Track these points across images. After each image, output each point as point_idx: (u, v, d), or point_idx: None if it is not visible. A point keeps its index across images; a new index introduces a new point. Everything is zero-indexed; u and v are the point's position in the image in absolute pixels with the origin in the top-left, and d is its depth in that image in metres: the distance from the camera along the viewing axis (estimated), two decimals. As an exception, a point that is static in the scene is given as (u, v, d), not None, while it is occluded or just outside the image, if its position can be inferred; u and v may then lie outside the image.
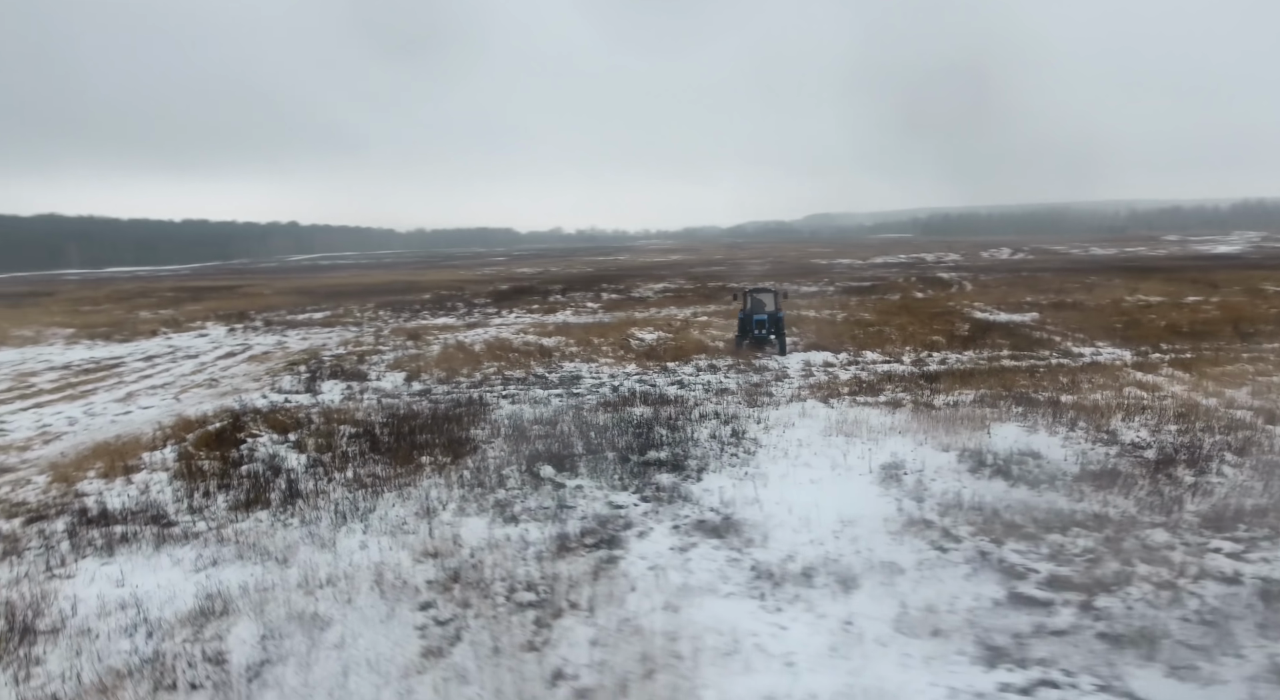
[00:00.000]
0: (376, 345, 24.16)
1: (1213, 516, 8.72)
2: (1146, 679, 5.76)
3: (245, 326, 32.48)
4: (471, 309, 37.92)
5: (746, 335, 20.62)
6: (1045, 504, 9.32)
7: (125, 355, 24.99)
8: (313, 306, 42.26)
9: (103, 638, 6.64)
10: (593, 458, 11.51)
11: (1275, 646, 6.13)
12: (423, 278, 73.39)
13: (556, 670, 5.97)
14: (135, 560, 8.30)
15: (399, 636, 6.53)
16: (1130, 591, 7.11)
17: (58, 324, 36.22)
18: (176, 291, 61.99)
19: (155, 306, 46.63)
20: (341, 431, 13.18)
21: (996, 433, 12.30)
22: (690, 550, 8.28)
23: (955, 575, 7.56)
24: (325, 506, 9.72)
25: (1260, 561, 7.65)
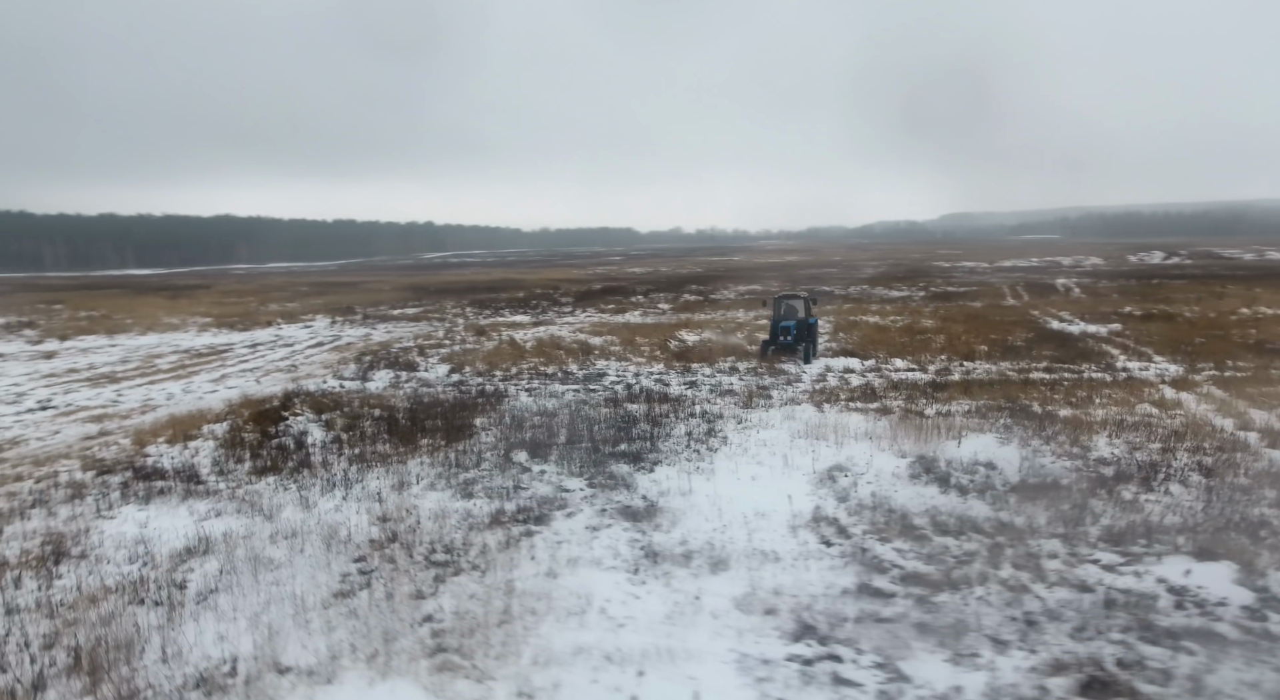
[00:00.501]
0: (443, 340, 26.35)
1: (1119, 532, 8.80)
2: (923, 662, 6.30)
3: (346, 320, 35.90)
4: (549, 308, 39.94)
5: (773, 341, 20.94)
6: (960, 510, 9.65)
7: (237, 343, 28.54)
8: (414, 302, 45.74)
9: (110, 564, 8.47)
10: (568, 447, 12.67)
11: (1072, 645, 6.47)
12: (529, 276, 76.98)
13: (428, 615, 7.19)
14: (163, 509, 10.24)
15: (323, 580, 7.95)
16: (977, 591, 7.52)
17: (200, 314, 41.27)
18: (310, 286, 68.20)
19: (284, 300, 51.83)
20: (369, 414, 15.03)
21: (967, 443, 12.41)
22: (602, 530, 9.29)
23: (823, 567, 8.18)
24: (324, 476, 11.42)
25: (1130, 575, 7.80)
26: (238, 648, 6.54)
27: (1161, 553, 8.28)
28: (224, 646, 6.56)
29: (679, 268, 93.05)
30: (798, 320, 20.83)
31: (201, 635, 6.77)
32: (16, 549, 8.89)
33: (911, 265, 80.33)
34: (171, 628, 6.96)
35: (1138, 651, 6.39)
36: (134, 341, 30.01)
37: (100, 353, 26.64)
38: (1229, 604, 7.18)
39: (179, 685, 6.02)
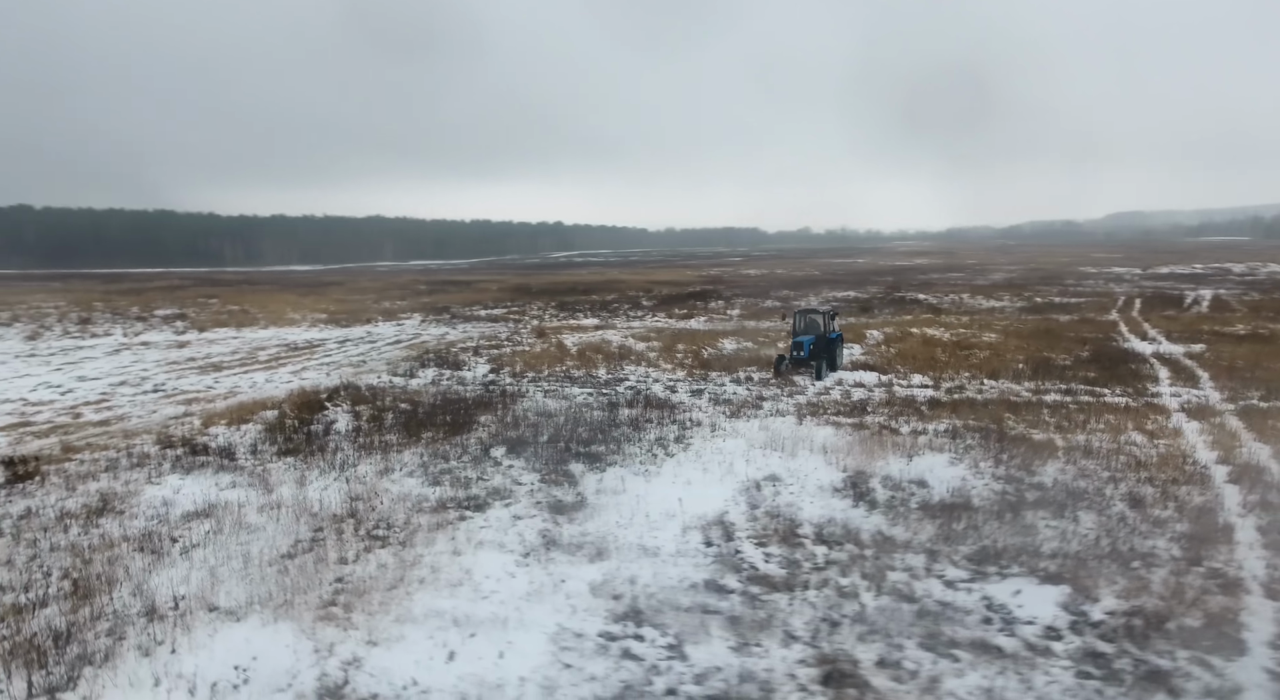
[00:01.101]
0: (503, 340, 28.53)
1: (989, 552, 9.22)
2: (709, 648, 7.26)
3: (436, 319, 39.12)
4: (624, 311, 41.59)
5: (782, 360, 20.88)
6: (855, 523, 10.30)
7: (332, 339, 32.07)
8: (507, 303, 48.75)
9: (137, 519, 10.74)
10: (545, 446, 14.10)
11: (851, 644, 7.21)
12: (633, 277, 79.10)
13: (340, 577, 8.83)
14: (196, 479, 12.56)
15: (280, 544, 9.80)
16: (809, 594, 8.31)
17: (319, 310, 46.03)
18: (429, 284, 73.41)
19: (397, 298, 56.46)
20: (395, 408, 17.13)
21: (917, 461, 12.90)
22: (524, 520, 10.66)
23: (689, 563, 9.18)
24: (327, 460, 13.46)
25: (963, 591, 8.31)
26: (188, 590, 8.43)
27: (1010, 574, 8.69)
28: (179, 588, 8.47)
29: (795, 270, 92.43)
30: (817, 335, 21.06)
31: (169, 579, 8.73)
32: (78, 503, 11.38)
33: (1049, 271, 75.92)
34: (151, 571, 8.97)
35: (904, 655, 7.06)
36: (253, 335, 34.32)
37: (221, 344, 30.82)
38: (1034, 623, 7.62)
39: (133, 612, 7.95)
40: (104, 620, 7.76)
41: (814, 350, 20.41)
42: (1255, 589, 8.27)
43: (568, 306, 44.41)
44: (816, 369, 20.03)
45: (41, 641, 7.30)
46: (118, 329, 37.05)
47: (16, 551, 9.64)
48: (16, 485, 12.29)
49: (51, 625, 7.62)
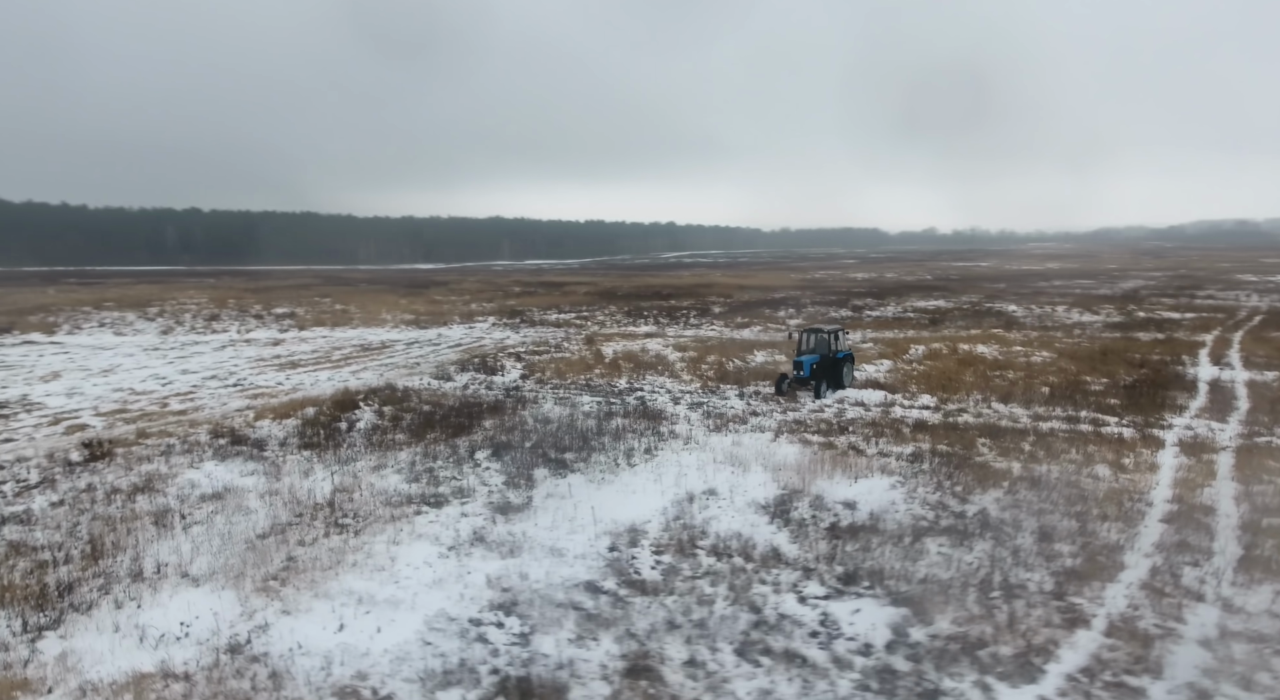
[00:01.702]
0: (551, 346, 30.29)
1: (861, 573, 9.85)
2: (554, 637, 8.40)
3: (507, 323, 41.58)
4: (686, 317, 42.55)
5: (784, 378, 21.06)
6: (757, 538, 11.10)
7: (404, 340, 34.98)
8: (583, 307, 50.79)
9: (165, 498, 13.00)
10: (525, 451, 15.53)
11: (675, 645, 8.17)
12: (727, 281, 79.68)
13: (294, 556, 10.57)
14: (227, 466, 14.84)
15: (262, 525, 11.71)
16: (668, 600, 9.29)
17: (409, 311, 49.75)
18: (523, 286, 76.95)
19: (485, 299, 59.83)
20: (417, 409, 19.09)
21: (861, 483, 13.47)
22: (469, 517, 12.11)
23: (585, 565, 10.32)
24: (338, 454, 15.46)
25: (809, 606, 9.04)
26: (172, 559, 10.42)
27: (865, 594, 9.31)
28: (166, 557, 10.47)
29: (905, 274, 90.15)
30: (822, 355, 21.14)
31: (163, 549, 10.77)
32: (128, 481, 13.84)
33: (1196, 278, 70.56)
34: (154, 542, 11.07)
35: (714, 658, 7.96)
36: (341, 334, 37.89)
37: (310, 343, 34.35)
38: (854, 640, 8.30)
39: (125, 573, 9.98)
40: (99, 578, 9.82)
41: (816, 370, 20.55)
42: (1098, 626, 8.53)
43: (636, 312, 45.85)
44: (815, 388, 20.18)
45: (50, 591, 9.41)
46: (234, 326, 41.75)
47: (65, 519, 12.05)
48: (91, 463, 14.98)
49: (61, 579, 9.75)
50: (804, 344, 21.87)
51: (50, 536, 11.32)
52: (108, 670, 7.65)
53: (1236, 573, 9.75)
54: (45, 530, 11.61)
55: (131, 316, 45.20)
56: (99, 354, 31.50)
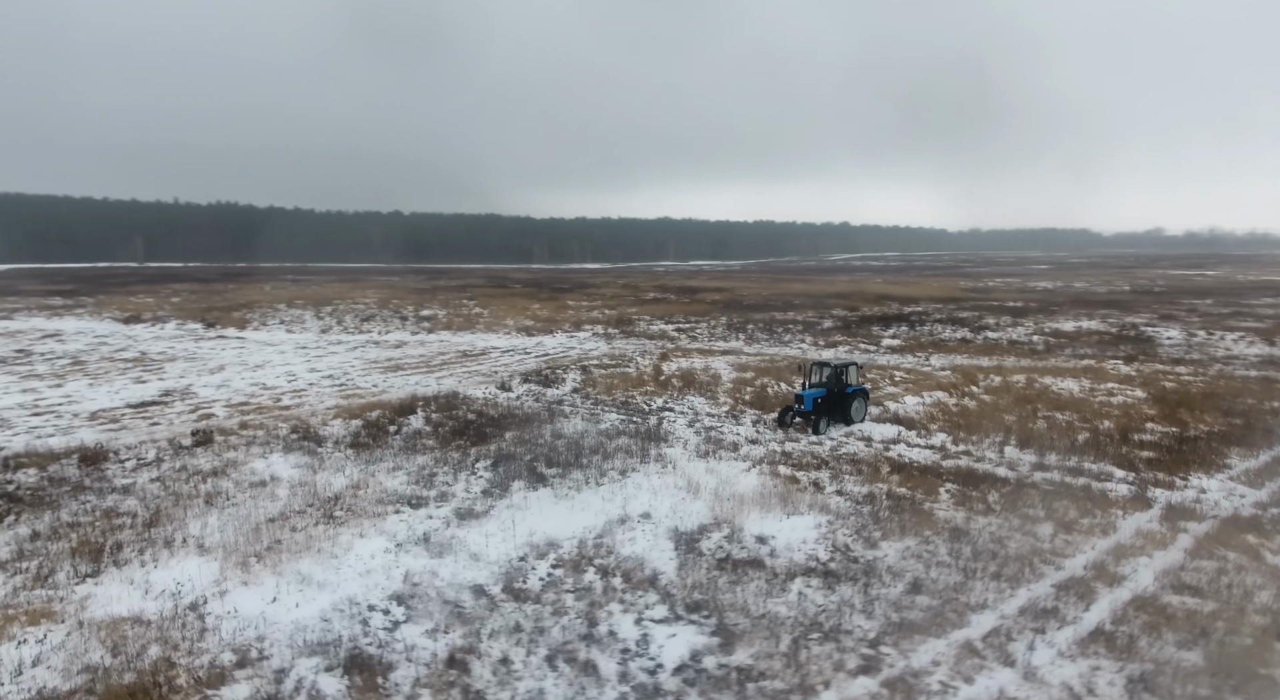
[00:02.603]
0: (622, 359, 32.25)
1: (709, 604, 11.01)
2: (419, 626, 10.43)
3: (606, 333, 44.12)
4: (786, 332, 42.82)
5: (789, 411, 21.16)
6: (648, 562, 12.47)
7: (505, 348, 38.48)
8: (694, 317, 52.33)
9: (228, 481, 16.50)
10: (520, 463, 17.66)
11: (508, 646, 9.91)
12: (877, 287, 77.91)
13: (280, 539, 13.38)
14: (285, 458, 18.27)
15: (275, 511, 14.74)
16: (534, 607, 11.01)
17: (530, 317, 53.88)
18: (659, 290, 79.86)
19: (613, 306, 62.97)
20: (461, 418, 21.86)
21: (791, 519, 14.34)
22: (433, 519, 14.40)
23: (489, 570, 12.25)
24: (371, 455, 18.44)
25: (640, 628, 10.40)
26: (198, 532, 13.60)
27: (696, 622, 10.51)
28: (195, 529, 13.68)
29: (1100, 283, 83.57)
30: (830, 390, 21.12)
31: (196, 524, 14.03)
32: (209, 465, 17.59)
33: None
34: (196, 517, 14.39)
35: (526, 660, 9.62)
36: (457, 339, 42.26)
37: (426, 347, 38.82)
38: (654, 660, 9.65)
39: (161, 539, 13.26)
40: (143, 542, 13.16)
41: (819, 404, 20.66)
42: (882, 675, 9.20)
43: (739, 326, 46.67)
44: (814, 423, 20.35)
45: (106, 548, 12.82)
46: (378, 328, 47.68)
47: (153, 492, 15.81)
48: (194, 448, 19.04)
49: (119, 540, 13.19)
50: (812, 377, 22.08)
51: (134, 506, 15.02)
52: (105, 612, 10.68)
53: (1076, 645, 9.82)
54: (135, 500, 15.36)
55: (307, 315, 52.75)
56: (262, 350, 37.71)
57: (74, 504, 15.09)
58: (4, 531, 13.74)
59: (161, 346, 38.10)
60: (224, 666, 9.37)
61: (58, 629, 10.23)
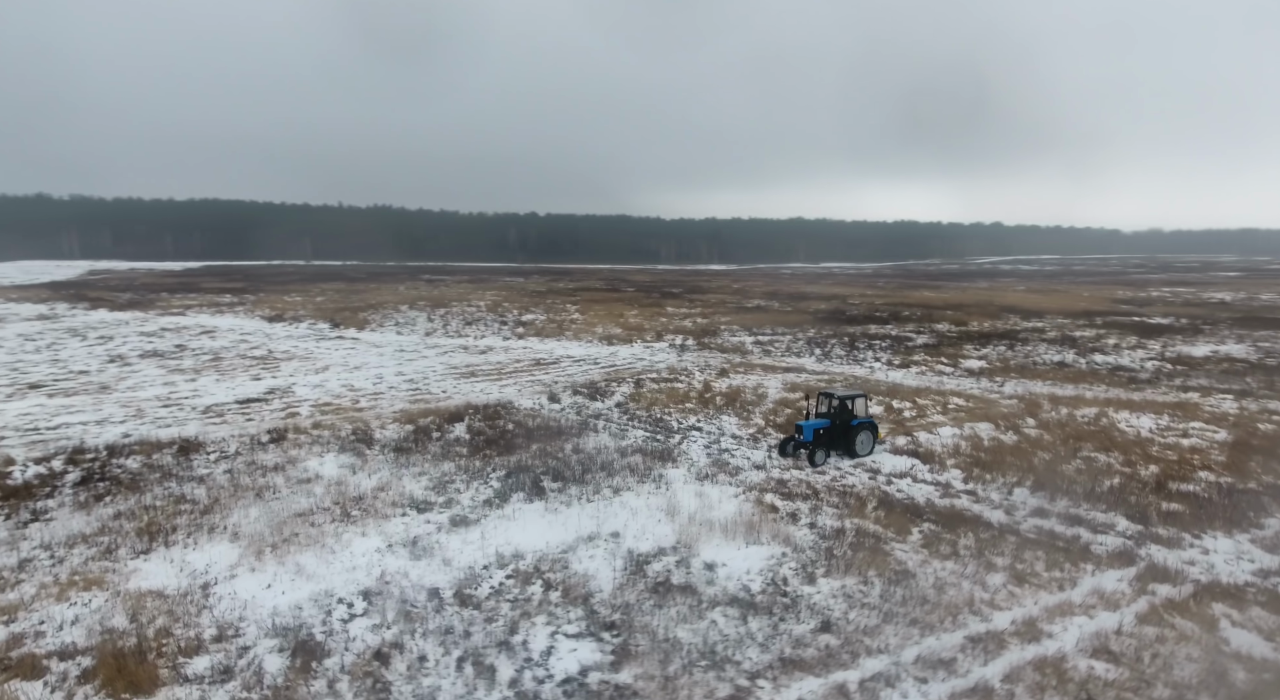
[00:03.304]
0: (680, 373, 33.16)
1: (619, 624, 12.04)
2: (369, 620, 12.18)
3: (685, 345, 45.05)
4: (861, 350, 42.02)
5: (790, 440, 21.29)
6: (589, 580, 13.63)
7: (576, 356, 40.34)
8: (779, 330, 52.18)
9: (282, 476, 19.20)
10: (536, 475, 19.22)
11: (428, 645, 11.45)
12: (1017, 299, 73.81)
13: (298, 532, 15.67)
14: (336, 458, 20.83)
15: (306, 506, 17.12)
16: (473, 612, 12.49)
17: (622, 325, 55.72)
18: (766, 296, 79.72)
19: (704, 315, 63.78)
20: (500, 427, 23.79)
21: (749, 549, 15.02)
22: (429, 524, 16.23)
23: (452, 575, 13.86)
24: (406, 460, 20.66)
25: (551, 640, 11.60)
26: (237, 521, 16.16)
27: (602, 640, 11.60)
28: (238, 519, 16.25)
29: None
30: (833, 421, 21.04)
31: (239, 514, 16.62)
32: (273, 461, 20.43)
33: None
34: (243, 508, 17.01)
35: (439, 658, 11.08)
36: (541, 346, 44.68)
37: (507, 354, 41.43)
38: (544, 670, 10.86)
39: (207, 525, 15.89)
40: (194, 526, 15.85)
41: (820, 435, 20.68)
42: None
43: (821, 341, 46.15)
44: (810, 455, 20.45)
45: (163, 530, 15.58)
46: (475, 332, 51.15)
47: (221, 483, 18.72)
48: (268, 445, 22.08)
49: (175, 524, 15.96)
50: (817, 407, 22.11)
51: (201, 494, 17.93)
52: (139, 585, 13.22)
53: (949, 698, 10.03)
54: (204, 489, 18.31)
55: (420, 318, 57.36)
56: (367, 352, 41.77)
57: (157, 489, 18.23)
58: (99, 509, 16.96)
59: (287, 346, 43.07)
60: (203, 640, 11.51)
61: (100, 596, 12.82)
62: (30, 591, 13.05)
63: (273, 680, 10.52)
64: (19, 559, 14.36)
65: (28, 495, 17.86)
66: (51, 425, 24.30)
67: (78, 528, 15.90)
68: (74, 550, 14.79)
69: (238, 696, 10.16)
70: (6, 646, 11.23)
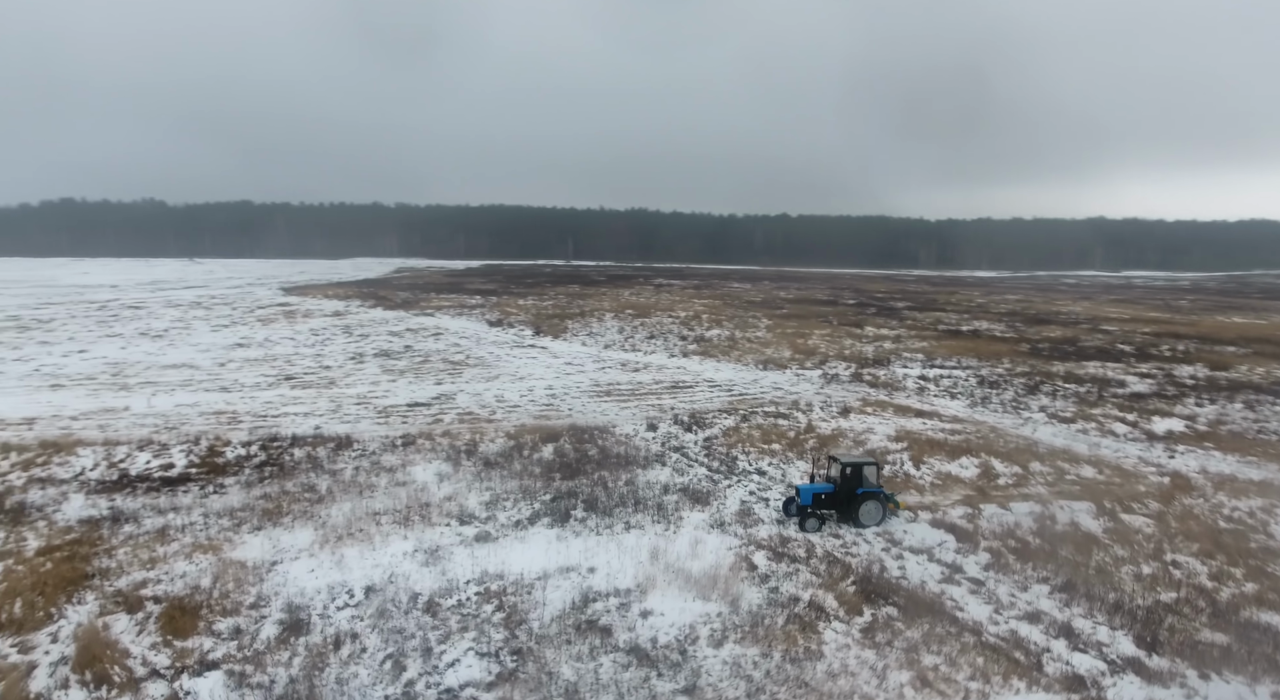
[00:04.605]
0: (799, 408, 33.15)
1: (522, 651, 14.18)
2: (351, 612, 15.70)
3: (834, 376, 44.00)
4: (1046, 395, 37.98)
5: (792, 500, 21.01)
6: (532, 610, 15.87)
7: (716, 380, 41.49)
8: (971, 365, 48.44)
9: (384, 479, 23.86)
10: (570, 503, 21.75)
11: (370, 640, 14.65)
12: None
13: (363, 528, 19.87)
14: (433, 467, 25.16)
15: (383, 506, 21.37)
16: (428, 618, 15.47)
17: (796, 347, 55.46)
18: (999, 316, 73.61)
19: (893, 340, 60.82)
20: (581, 451, 26.58)
21: (694, 603, 16.24)
22: (460, 536, 19.53)
23: (435, 584, 16.95)
24: (487, 474, 24.28)
25: (449, 653, 14.13)
26: (330, 513, 20.83)
27: (495, 663, 13.81)
28: (333, 512, 20.92)
29: None
30: (839, 487, 20.35)
31: (334, 508, 21.32)
32: (388, 464, 25.28)
33: None
34: (341, 502, 21.74)
35: (366, 655, 14.17)
36: (697, 367, 46.43)
37: (659, 373, 43.90)
38: (434, 678, 13.38)
39: (307, 515, 20.75)
40: (301, 513, 20.77)
41: (820, 500, 20.23)
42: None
43: (992, 382, 42.34)
44: (802, 520, 20.17)
45: (282, 513, 20.69)
46: (648, 347, 54.33)
47: (347, 477, 23.85)
48: (399, 448, 27.13)
49: (292, 509, 21.04)
50: (827, 470, 21.53)
51: (325, 486, 23.08)
52: (236, 556, 18.10)
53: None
54: (330, 482, 23.52)
55: (612, 329, 62.05)
56: (541, 363, 46.97)
57: (300, 477, 23.80)
58: (254, 489, 22.75)
59: (482, 352, 49.91)
60: (241, 605, 15.81)
61: (209, 560, 17.88)
62: (174, 549, 18.57)
63: (257, 645, 14.36)
64: (184, 522, 20.20)
65: (224, 471, 24.42)
66: (277, 414, 31.91)
67: (233, 503, 21.67)
68: (220, 520, 20.36)
69: (229, 652, 14.12)
70: (133, 586, 16.47)
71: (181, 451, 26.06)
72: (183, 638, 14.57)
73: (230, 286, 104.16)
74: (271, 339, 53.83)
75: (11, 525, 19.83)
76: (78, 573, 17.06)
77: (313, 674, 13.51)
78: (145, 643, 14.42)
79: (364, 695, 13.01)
